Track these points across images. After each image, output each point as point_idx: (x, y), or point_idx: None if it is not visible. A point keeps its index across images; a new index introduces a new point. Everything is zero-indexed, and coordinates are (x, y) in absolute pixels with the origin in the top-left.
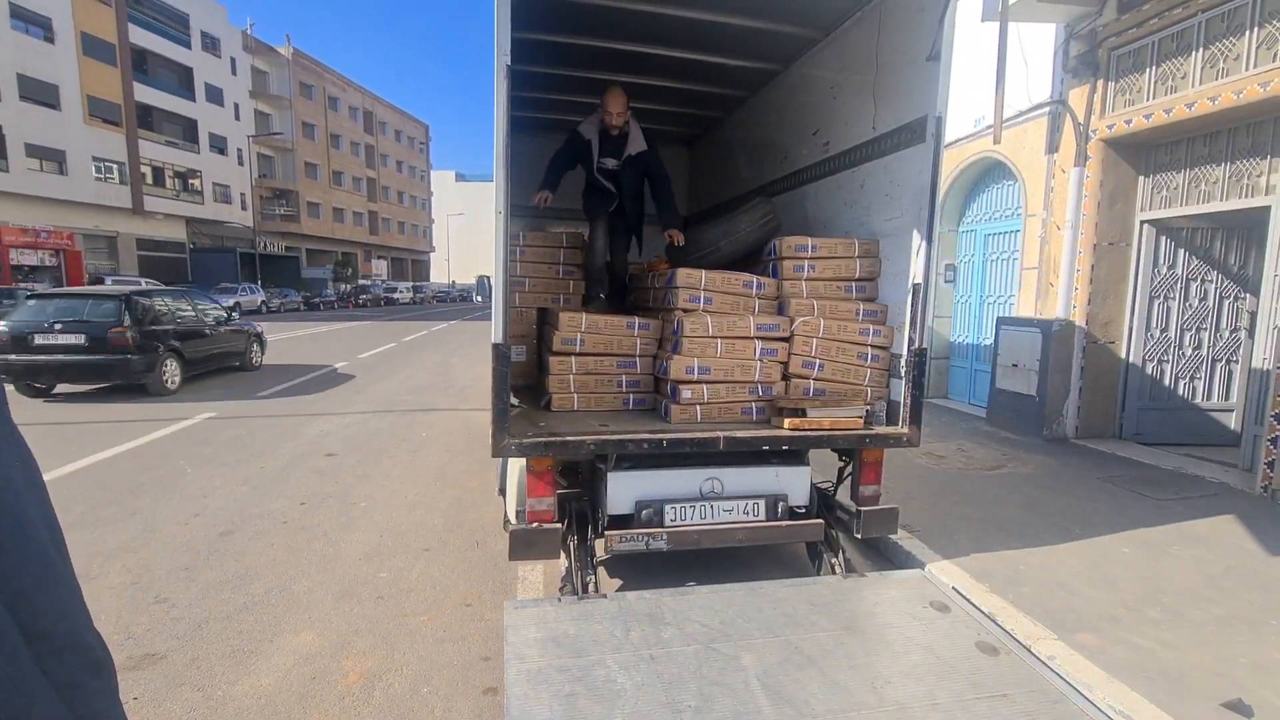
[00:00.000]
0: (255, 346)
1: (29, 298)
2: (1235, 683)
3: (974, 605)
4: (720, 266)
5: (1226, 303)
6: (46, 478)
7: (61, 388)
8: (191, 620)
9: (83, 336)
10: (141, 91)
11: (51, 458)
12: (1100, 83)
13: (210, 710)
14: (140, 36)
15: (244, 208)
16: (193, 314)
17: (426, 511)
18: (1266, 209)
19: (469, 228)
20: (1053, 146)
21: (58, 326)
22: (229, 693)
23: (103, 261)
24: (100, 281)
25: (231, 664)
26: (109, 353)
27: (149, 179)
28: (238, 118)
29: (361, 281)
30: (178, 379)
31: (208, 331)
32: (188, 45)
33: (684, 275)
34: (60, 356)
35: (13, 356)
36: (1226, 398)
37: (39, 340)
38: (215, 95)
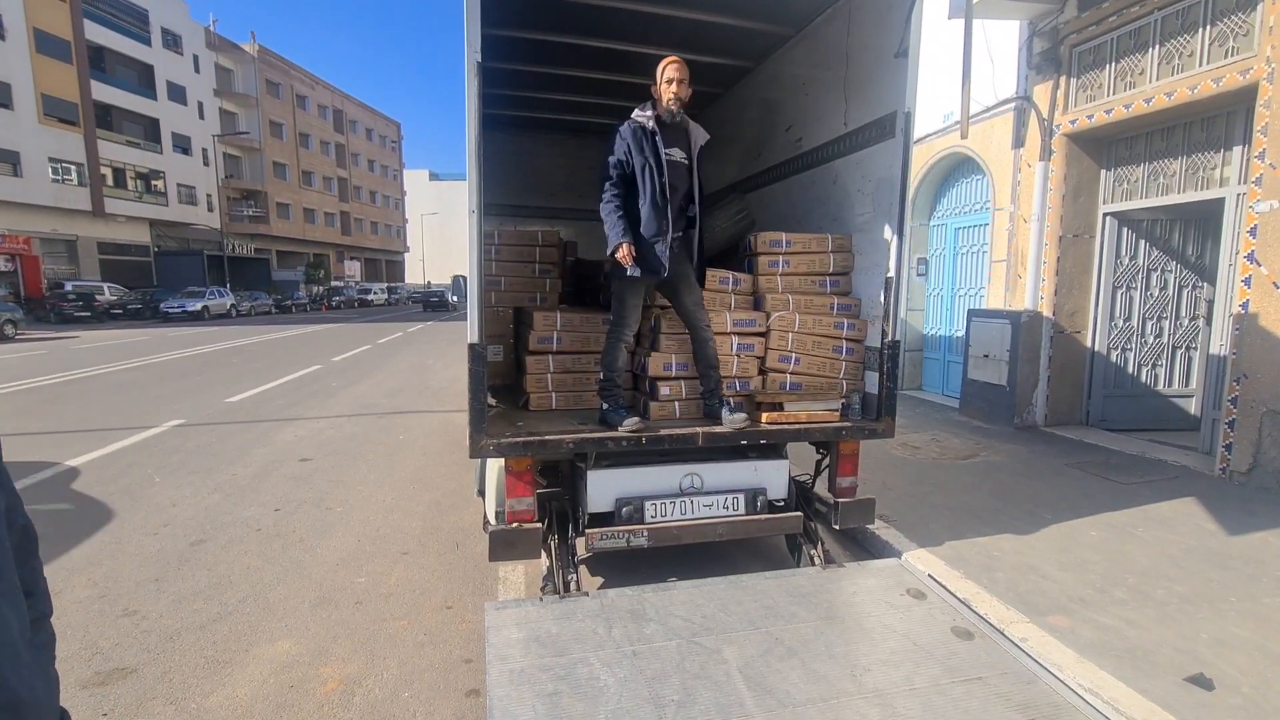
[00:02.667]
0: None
1: (424, 294)
2: (1197, 658)
3: (949, 591)
4: None
5: (1185, 292)
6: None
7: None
8: (162, 632)
9: (438, 298)
10: (99, 90)
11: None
12: (1063, 79)
13: None
14: (97, 33)
15: (210, 209)
16: (445, 295)
17: (404, 515)
18: (1221, 201)
19: (443, 227)
20: (1018, 141)
21: (432, 293)
22: (203, 705)
23: (62, 266)
24: (60, 287)
25: (205, 675)
26: (443, 303)
27: (109, 180)
28: (202, 117)
29: (334, 283)
30: (452, 310)
31: (459, 298)
32: (147, 42)
33: None
34: (433, 302)
35: (424, 302)
36: (1186, 384)
37: (430, 298)
38: (178, 94)
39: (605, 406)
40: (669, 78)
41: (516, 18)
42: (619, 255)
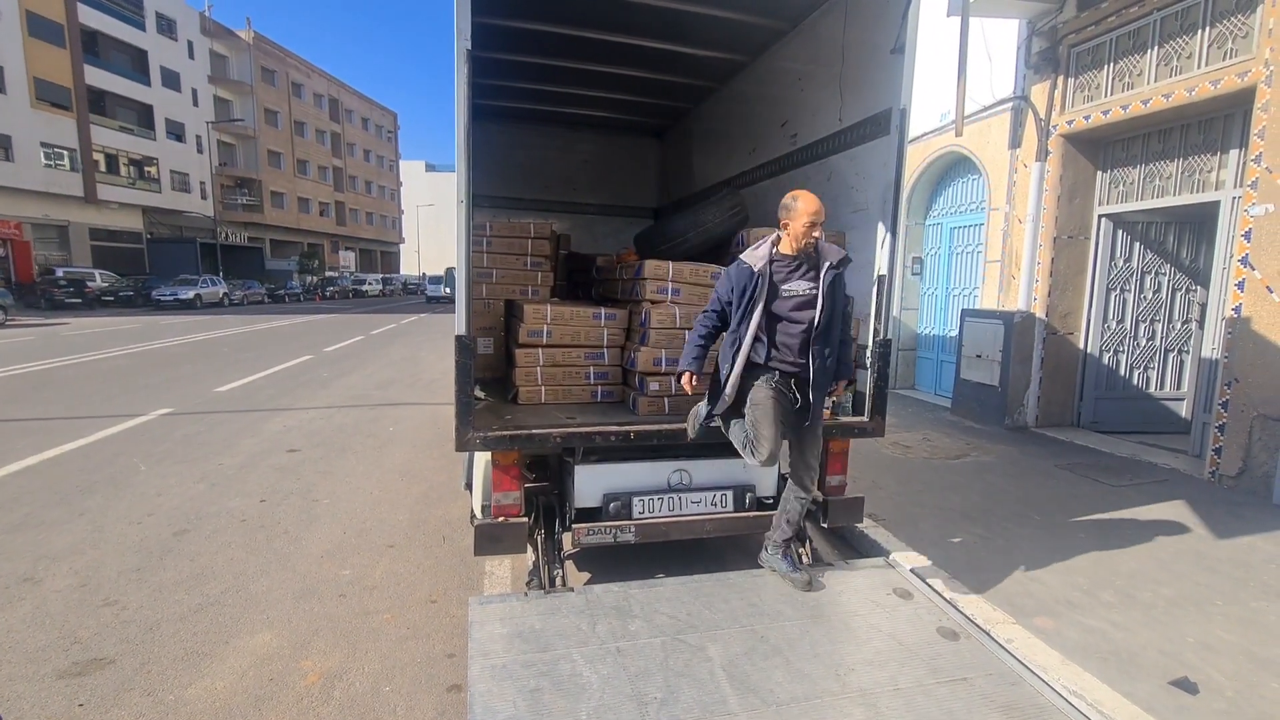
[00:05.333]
0: None
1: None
2: (1182, 661)
3: (936, 592)
4: (688, 258)
5: (1179, 295)
6: None
7: None
8: (142, 623)
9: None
10: (93, 75)
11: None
12: (1061, 79)
13: (161, 715)
14: (90, 17)
15: (204, 197)
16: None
17: (391, 507)
18: (1216, 204)
19: (439, 219)
20: (1015, 141)
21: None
22: (181, 696)
23: (53, 252)
24: (51, 273)
25: (184, 667)
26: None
27: (102, 166)
28: (196, 103)
29: (329, 273)
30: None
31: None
32: (141, 27)
33: (652, 266)
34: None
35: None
36: (1178, 387)
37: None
38: (172, 80)
39: None
40: (810, 221)
41: (508, 7)
42: (681, 381)
